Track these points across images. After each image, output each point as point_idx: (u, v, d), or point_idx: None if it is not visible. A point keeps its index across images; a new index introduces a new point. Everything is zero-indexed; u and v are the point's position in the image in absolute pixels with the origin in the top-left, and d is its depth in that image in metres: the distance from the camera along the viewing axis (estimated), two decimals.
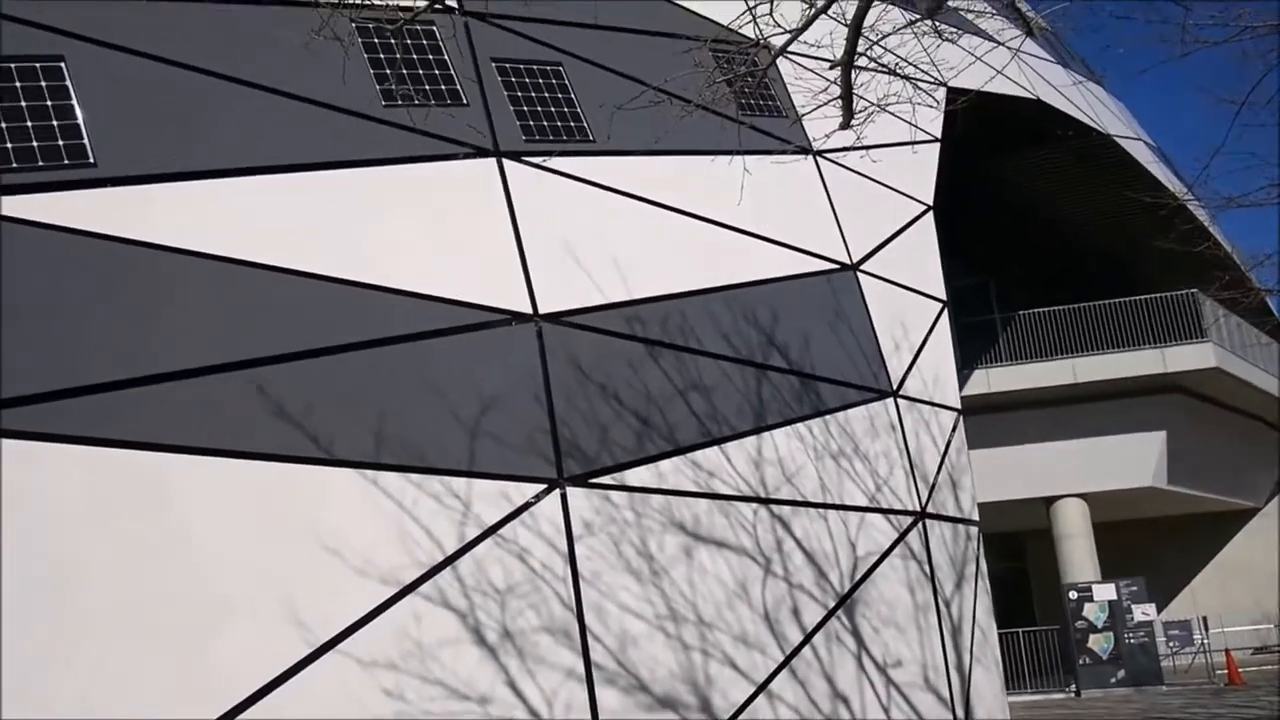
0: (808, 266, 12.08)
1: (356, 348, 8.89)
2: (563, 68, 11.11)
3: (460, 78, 10.30)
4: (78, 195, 8.32)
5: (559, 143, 10.64)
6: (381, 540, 8.63)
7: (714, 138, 10.03)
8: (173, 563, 7.90)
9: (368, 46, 9.67)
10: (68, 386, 7.79)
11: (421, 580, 8.70)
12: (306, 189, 9.25)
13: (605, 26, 11.02)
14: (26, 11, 8.51)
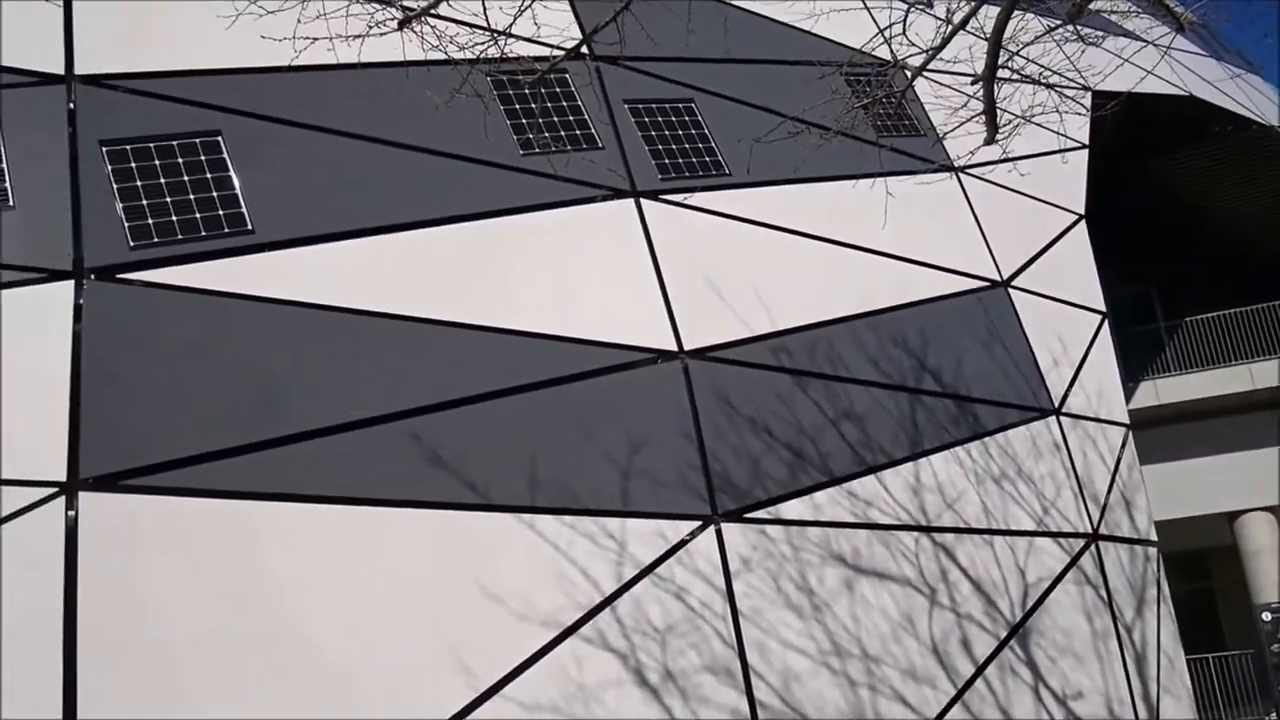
0: (957, 286, 11.54)
1: (507, 393, 8.84)
2: (694, 103, 10.95)
3: (594, 121, 10.24)
4: (238, 262, 8.56)
5: (695, 178, 10.46)
6: (540, 583, 8.51)
7: (853, 162, 9.69)
8: (337, 609, 7.93)
9: (504, 99, 9.72)
10: (236, 445, 7.96)
11: (581, 622, 8.53)
12: (451, 241, 9.30)
13: (734, 59, 10.80)
14: (185, 90, 8.85)
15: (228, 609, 7.61)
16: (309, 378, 8.43)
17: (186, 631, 7.44)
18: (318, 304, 8.59)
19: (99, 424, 7.66)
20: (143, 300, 8.21)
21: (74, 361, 7.79)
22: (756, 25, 11.77)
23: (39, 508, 7.38)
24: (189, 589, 7.57)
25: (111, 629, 7.25)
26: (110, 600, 7.30)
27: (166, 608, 7.47)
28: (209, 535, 7.76)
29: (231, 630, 7.56)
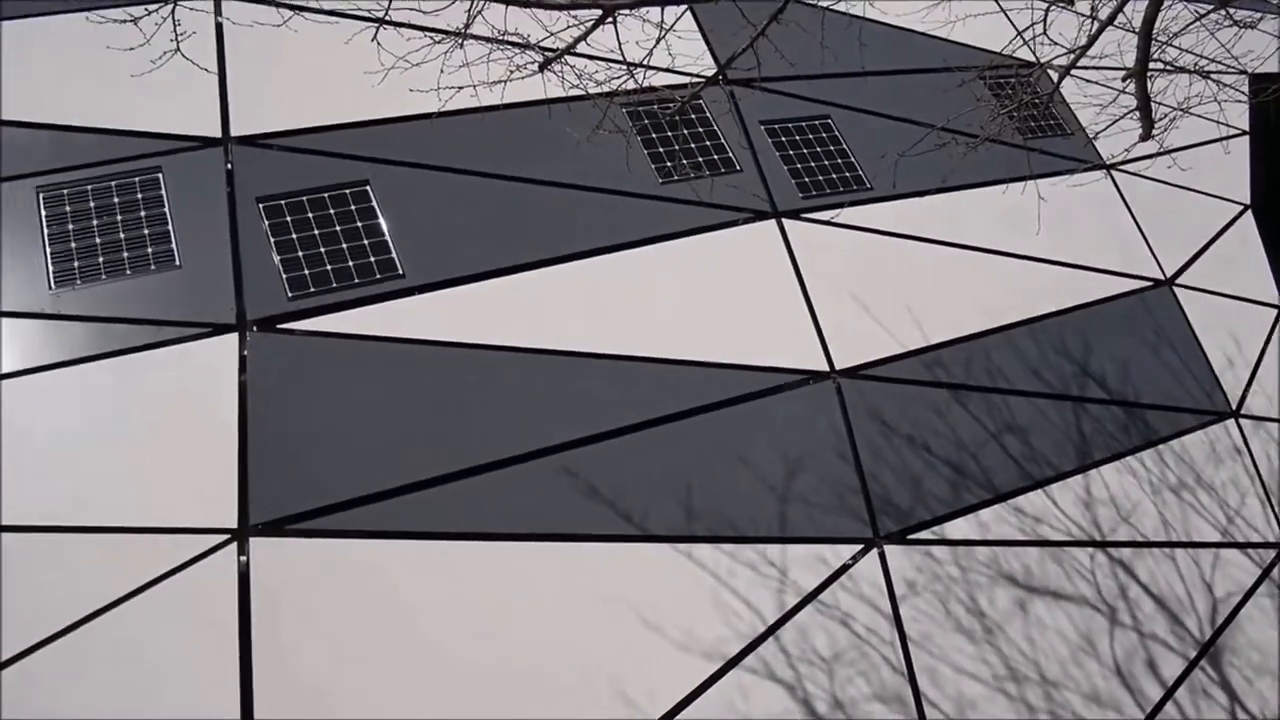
0: (1118, 288, 10.77)
1: (658, 423, 8.58)
2: (831, 119, 10.54)
3: (731, 145, 9.95)
4: (391, 305, 8.55)
5: (835, 195, 10.05)
6: (701, 613, 8.18)
7: (1000, 168, 9.13)
8: (497, 644, 7.76)
9: (640, 130, 9.53)
10: (397, 486, 7.91)
11: (745, 652, 8.16)
12: (595, 273, 9.13)
13: (869, 72, 10.37)
14: (334, 143, 8.93)
15: (393, 647, 7.54)
16: (464, 416, 8.34)
17: (355, 670, 7.38)
18: (469, 343, 8.51)
19: (266, 471, 7.71)
20: (303, 348, 8.27)
21: (241, 411, 7.87)
22: (890, 37, 11.33)
23: (213, 554, 7.46)
24: (356, 629, 7.52)
25: (285, 669, 7.25)
26: (283, 641, 7.30)
27: (336, 647, 7.43)
28: (373, 575, 7.71)
29: (396, 667, 7.47)
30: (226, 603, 7.32)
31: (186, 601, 7.29)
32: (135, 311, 8.17)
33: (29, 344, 8.00)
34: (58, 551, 7.34)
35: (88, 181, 8.74)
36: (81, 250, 8.42)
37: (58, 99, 9.05)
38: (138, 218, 8.63)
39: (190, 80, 8.88)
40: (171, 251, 8.47)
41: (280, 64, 9.28)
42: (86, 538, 7.41)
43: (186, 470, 7.64)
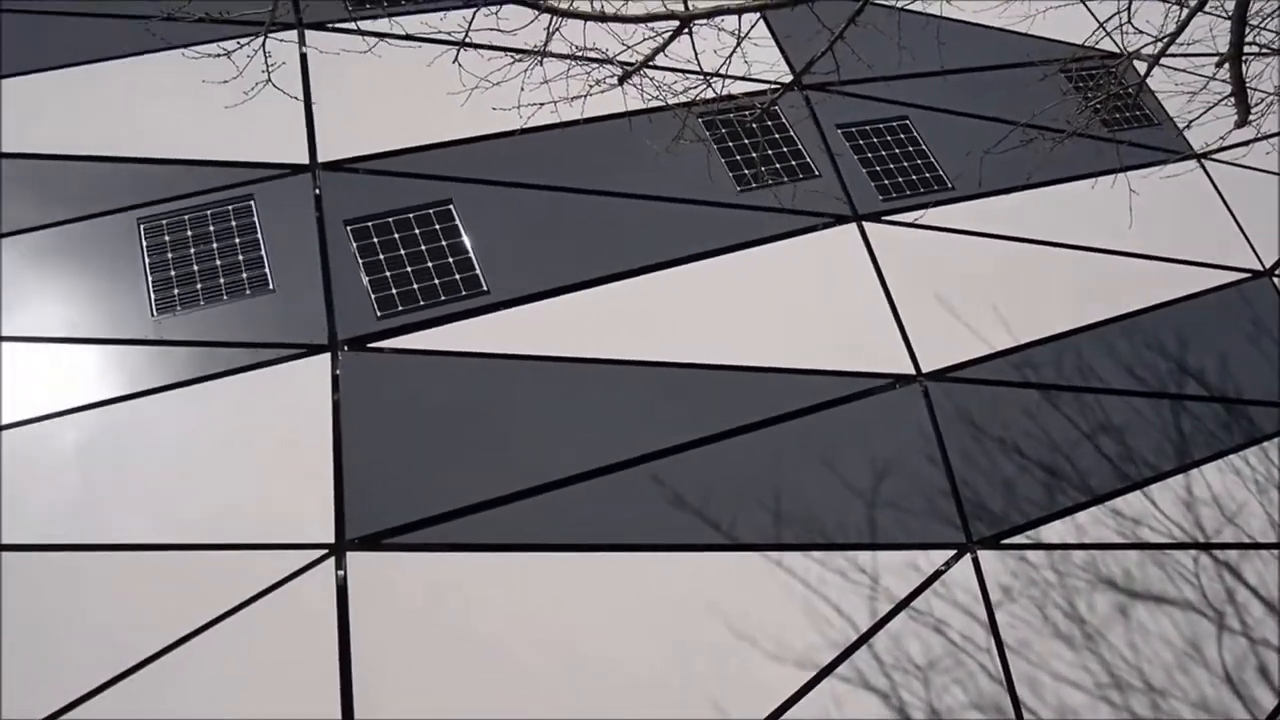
0: (1213, 280, 10.34)
1: (744, 431, 8.47)
2: (909, 120, 10.32)
3: (809, 150, 9.81)
4: (477, 322, 8.59)
5: (916, 196, 9.83)
6: (792, 622, 8.04)
7: (1086, 161, 8.84)
8: (590, 656, 7.72)
9: (717, 140, 9.45)
10: (487, 499, 7.93)
11: (838, 661, 7.99)
12: (677, 282, 9.07)
13: (948, 70, 10.14)
14: (417, 165, 9.02)
15: (486, 658, 7.55)
16: (551, 428, 8.33)
17: (451, 681, 7.41)
18: (554, 356, 8.52)
19: (361, 487, 7.79)
20: (392, 366, 8.36)
21: (335, 429, 7.98)
22: (968, 34, 11.07)
23: (311, 569, 7.56)
24: (451, 640, 7.55)
25: (384, 681, 7.31)
26: (381, 653, 7.36)
27: (432, 659, 7.47)
28: (466, 587, 7.73)
29: (490, 678, 7.47)
30: (326, 616, 7.41)
31: (288, 615, 7.40)
32: (233, 335, 8.35)
33: (135, 369, 8.22)
34: (167, 568, 7.51)
35: (185, 211, 8.98)
36: (181, 278, 8.64)
37: (156, 133, 9.32)
38: (233, 244, 8.83)
39: (278, 109, 9.08)
40: (265, 276, 8.65)
41: (363, 90, 9.42)
42: (192, 555, 7.58)
43: (285, 488, 7.76)
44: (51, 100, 9.52)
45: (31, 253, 8.76)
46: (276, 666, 7.28)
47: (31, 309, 8.51)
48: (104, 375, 8.21)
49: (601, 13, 4.65)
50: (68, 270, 8.70)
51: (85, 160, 9.18)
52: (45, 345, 8.36)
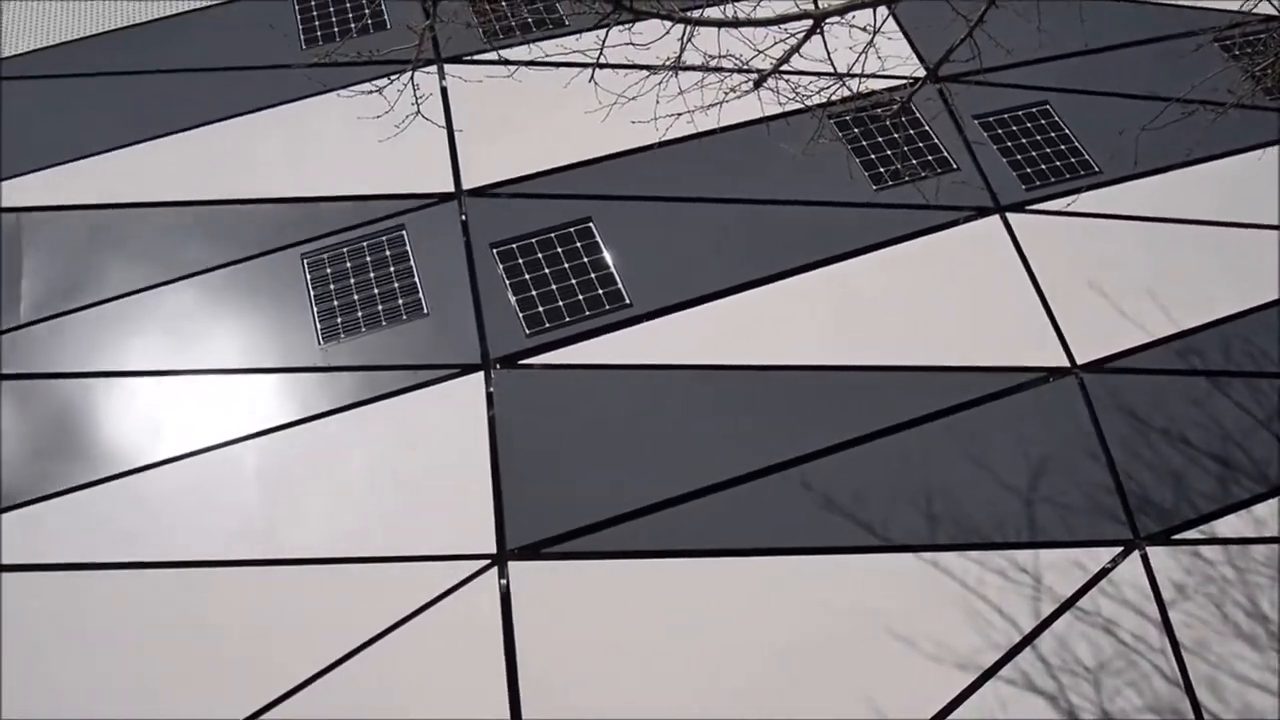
0: None
1: (893, 430, 8.26)
2: (1050, 105, 9.90)
3: (945, 144, 9.52)
4: (621, 335, 8.66)
5: (1062, 183, 9.41)
6: (952, 623, 7.76)
7: (1244, 135, 8.27)
8: (745, 660, 7.63)
9: (850, 139, 9.27)
10: (640, 507, 7.95)
11: (1002, 663, 7.67)
12: (818, 286, 8.93)
13: (1091, 50, 9.68)
14: (556, 185, 9.17)
15: (645, 662, 7.56)
16: (699, 435, 8.31)
17: (613, 686, 7.44)
18: (699, 364, 8.50)
19: (519, 498, 7.95)
20: (543, 381, 8.51)
21: (491, 444, 8.17)
22: (1110, 10, 10.54)
23: (476, 579, 7.74)
24: (611, 646, 7.59)
25: (550, 687, 7.40)
26: (546, 659, 7.47)
27: (595, 664, 7.52)
28: (624, 593, 7.77)
29: (650, 682, 7.48)
30: (491, 623, 7.58)
31: (456, 623, 7.60)
32: (392, 359, 8.67)
33: (305, 395, 8.61)
34: (342, 581, 7.83)
35: (343, 244, 9.38)
36: (343, 307, 9.01)
37: (316, 172, 9.79)
38: (388, 273, 9.17)
39: (424, 142, 9.39)
40: (419, 301, 8.94)
41: (503, 117, 9.65)
42: (365, 568, 7.87)
43: (448, 502, 8.00)
44: (223, 149, 10.10)
45: (209, 292, 9.29)
46: (447, 672, 7.48)
47: (212, 343, 9.03)
48: (278, 401, 8.63)
49: (735, 18, 4.61)
50: (241, 306, 9.19)
51: (253, 203, 9.70)
52: (225, 376, 8.85)
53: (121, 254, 9.54)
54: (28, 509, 8.27)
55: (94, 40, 11.20)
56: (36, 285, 9.44)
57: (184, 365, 8.92)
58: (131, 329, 9.16)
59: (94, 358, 9.01)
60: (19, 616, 7.84)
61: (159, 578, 7.95)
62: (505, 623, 7.57)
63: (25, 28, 11.42)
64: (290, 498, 8.19)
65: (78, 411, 8.76)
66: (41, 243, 9.70)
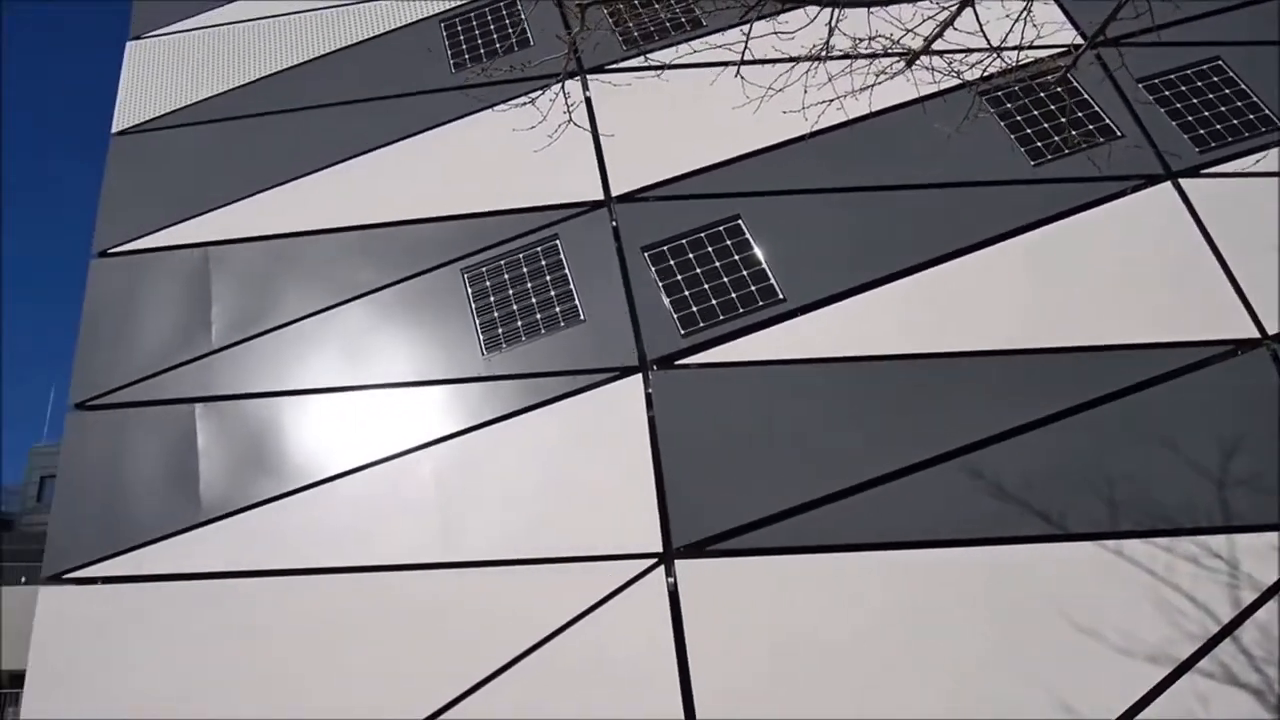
0: None
1: (1066, 414, 7.81)
2: (1221, 60, 9.19)
3: (1106, 111, 8.96)
4: (776, 330, 8.53)
5: (1240, 142, 8.71)
6: (1140, 614, 7.27)
7: None
8: (918, 654, 7.34)
9: (1004, 114, 8.85)
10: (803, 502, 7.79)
11: (1199, 655, 7.14)
12: (979, 268, 8.55)
13: None
14: (703, 185, 9.07)
15: (813, 656, 7.39)
16: (861, 427, 8.09)
17: (780, 677, 7.31)
18: (857, 355, 8.27)
19: (682, 497, 7.92)
20: (700, 380, 8.46)
21: (652, 444, 8.17)
22: None
23: (644, 577, 7.74)
24: (777, 639, 7.46)
25: (722, 682, 7.33)
26: (716, 654, 7.41)
27: (762, 657, 7.41)
28: (789, 588, 7.63)
29: (818, 675, 7.31)
30: (661, 621, 7.57)
31: (626, 621, 7.63)
32: (553, 365, 8.79)
33: (472, 405, 8.83)
34: (514, 582, 7.97)
35: (500, 257, 9.59)
36: (503, 318, 9.20)
37: (471, 189, 10.03)
38: (545, 282, 9.30)
39: (573, 153, 9.42)
40: (576, 308, 9.04)
41: (647, 121, 9.65)
42: (535, 569, 8.00)
43: (612, 502, 8.04)
44: (384, 174, 10.48)
45: (378, 310, 9.66)
46: (620, 669, 7.52)
47: (383, 359, 9.37)
48: (447, 411, 8.88)
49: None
50: (408, 322, 9.51)
51: (414, 223, 10.02)
52: (397, 389, 9.17)
53: (297, 279, 10.03)
54: (227, 520, 8.77)
55: (262, 83, 11.83)
56: (224, 313, 10.01)
57: (359, 381, 9.30)
58: (310, 349, 9.61)
59: (278, 378, 9.49)
60: (219, 619, 8.31)
61: (345, 582, 8.29)
62: (675, 621, 7.56)
63: (194, 80, 12.14)
64: (463, 503, 8.41)
65: (267, 428, 9.24)
66: (226, 273, 10.29)
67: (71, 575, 8.76)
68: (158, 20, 12.80)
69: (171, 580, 8.64)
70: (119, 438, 9.54)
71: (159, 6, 12.92)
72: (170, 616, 8.44)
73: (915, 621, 7.43)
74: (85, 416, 9.74)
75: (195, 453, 9.22)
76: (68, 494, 9.38)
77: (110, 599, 8.65)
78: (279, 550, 8.56)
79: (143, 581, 8.69)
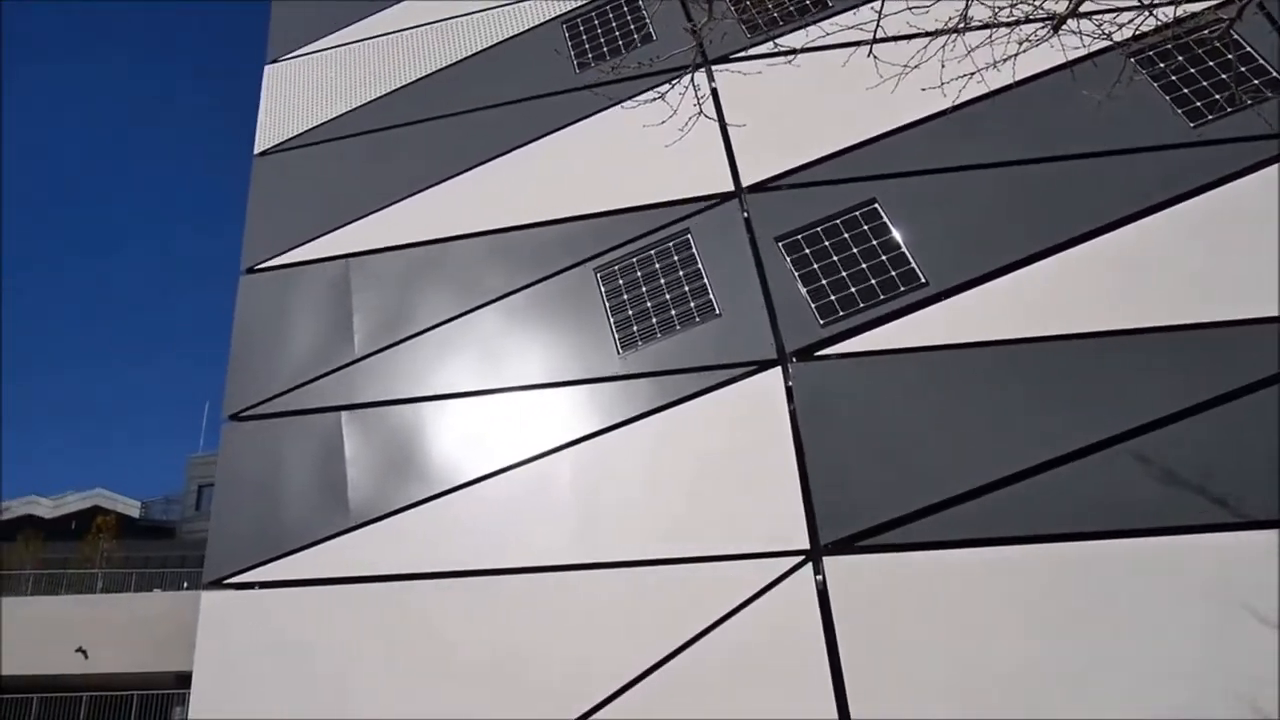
0: None
1: (1245, 392, 7.38)
2: None
3: (1272, 64, 8.48)
4: (919, 316, 8.37)
5: None
6: None
7: None
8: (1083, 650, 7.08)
9: (1156, 75, 8.48)
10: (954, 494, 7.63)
11: None
12: (1135, 242, 8.18)
13: None
14: (836, 170, 9.00)
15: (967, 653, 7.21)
16: (1013, 415, 7.82)
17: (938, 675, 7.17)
18: (1007, 339, 8.05)
19: (828, 492, 7.85)
20: (842, 371, 8.37)
21: (795, 438, 8.13)
22: None
23: (791, 575, 7.72)
24: (939, 639, 7.31)
25: (876, 683, 7.25)
26: (868, 651, 7.32)
27: (917, 653, 7.28)
28: (943, 583, 7.47)
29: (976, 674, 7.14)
30: (810, 619, 7.53)
31: (773, 622, 7.61)
32: (690, 361, 8.85)
33: (609, 404, 8.97)
34: (657, 582, 8.07)
35: (632, 255, 9.72)
36: (637, 315, 9.33)
37: (601, 187, 10.21)
38: (678, 277, 9.39)
39: (700, 146, 9.49)
40: (711, 302, 9.09)
41: (775, 109, 9.62)
42: (679, 568, 8.07)
43: (755, 499, 8.03)
44: (514, 178, 10.77)
45: (513, 313, 9.92)
46: (770, 669, 7.50)
47: (520, 361, 9.63)
48: (585, 411, 9.05)
49: None
50: (543, 323, 9.74)
51: (545, 225, 10.27)
52: (535, 391, 9.40)
53: (434, 286, 10.40)
54: (375, 525, 9.17)
55: (391, 97, 12.31)
56: (365, 322, 10.48)
57: (498, 384, 9.57)
58: (449, 354, 9.95)
59: (419, 383, 9.87)
60: (370, 621, 8.69)
61: (488, 585, 8.55)
62: (825, 619, 7.49)
63: (328, 98, 12.73)
64: (602, 504, 8.55)
65: (411, 433, 9.62)
66: (366, 283, 10.76)
67: (231, 580, 9.31)
68: (292, 43, 13.49)
69: (324, 584, 9.09)
70: (270, 446, 10.08)
71: (293, 31, 13.62)
72: (324, 618, 8.87)
73: (1083, 618, 7.17)
74: (239, 427, 10.33)
75: (342, 459, 9.66)
76: (225, 502, 9.97)
77: (267, 602, 9.17)
78: (425, 553, 8.89)
79: (297, 586, 9.18)
